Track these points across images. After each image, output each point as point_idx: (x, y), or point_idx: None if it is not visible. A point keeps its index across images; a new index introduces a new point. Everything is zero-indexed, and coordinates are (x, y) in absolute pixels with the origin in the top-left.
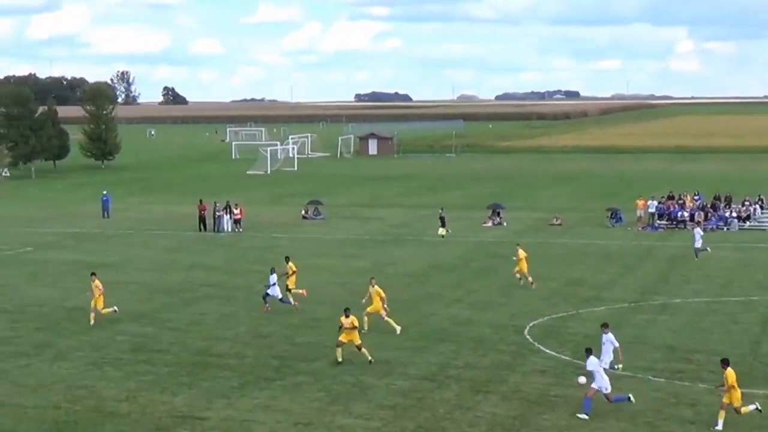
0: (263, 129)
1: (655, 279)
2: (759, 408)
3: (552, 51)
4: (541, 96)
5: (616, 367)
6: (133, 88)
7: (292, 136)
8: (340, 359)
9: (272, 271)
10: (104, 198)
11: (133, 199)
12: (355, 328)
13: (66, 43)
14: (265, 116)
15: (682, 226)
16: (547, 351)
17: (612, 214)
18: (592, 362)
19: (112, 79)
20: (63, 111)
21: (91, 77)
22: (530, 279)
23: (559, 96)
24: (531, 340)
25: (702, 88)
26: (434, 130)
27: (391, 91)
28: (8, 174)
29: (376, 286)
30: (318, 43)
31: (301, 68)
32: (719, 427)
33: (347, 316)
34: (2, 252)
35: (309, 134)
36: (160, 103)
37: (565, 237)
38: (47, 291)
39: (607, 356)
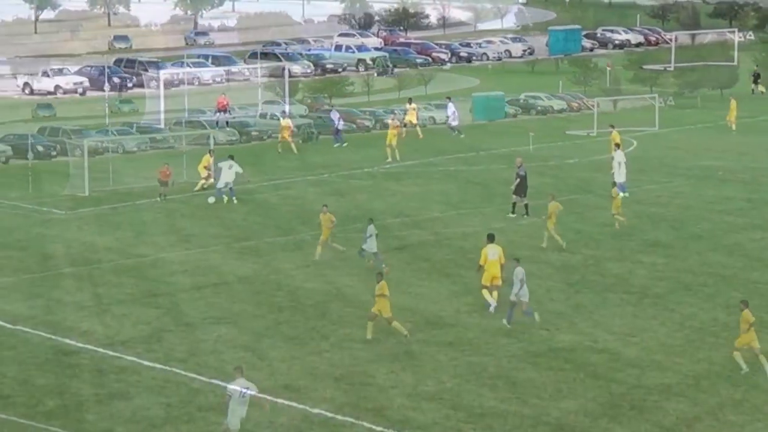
0: None
1: None
2: None
3: None
4: None
5: None
6: None
7: None
8: (368, 336)
9: (370, 222)
10: None
11: None
12: (383, 296)
13: None
14: None
15: None
16: None
17: None
18: None
19: None
20: None
21: None
22: None
23: None
24: None
25: None
26: None
27: None
28: (673, 102)
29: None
30: None
31: None
32: None
33: (378, 281)
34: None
35: None
36: None
37: None
38: None
39: None
